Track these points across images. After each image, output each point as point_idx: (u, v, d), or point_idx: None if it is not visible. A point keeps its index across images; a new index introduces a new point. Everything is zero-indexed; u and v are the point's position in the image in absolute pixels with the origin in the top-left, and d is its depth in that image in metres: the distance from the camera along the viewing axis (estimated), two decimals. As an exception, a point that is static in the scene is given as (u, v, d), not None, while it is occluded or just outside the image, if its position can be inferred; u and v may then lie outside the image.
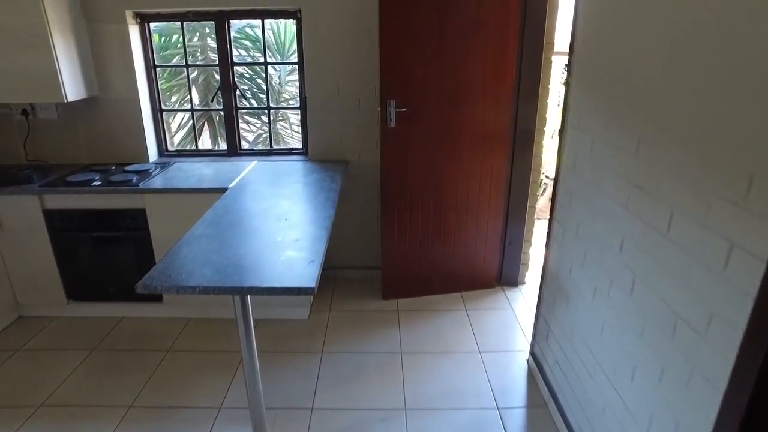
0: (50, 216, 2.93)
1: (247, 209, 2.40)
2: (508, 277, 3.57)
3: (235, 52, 4.45)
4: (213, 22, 3.15)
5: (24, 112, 3.23)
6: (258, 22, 3.21)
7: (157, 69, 3.37)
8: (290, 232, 2.09)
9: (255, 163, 3.31)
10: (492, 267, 3.50)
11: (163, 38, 4.37)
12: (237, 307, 1.81)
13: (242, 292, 1.67)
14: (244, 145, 4.64)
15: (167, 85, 4.28)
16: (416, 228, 3.24)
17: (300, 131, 3.58)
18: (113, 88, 3.18)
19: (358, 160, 3.36)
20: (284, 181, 2.88)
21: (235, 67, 3.41)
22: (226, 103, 3.37)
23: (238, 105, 3.42)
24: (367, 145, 3.32)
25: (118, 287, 3.10)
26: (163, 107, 3.41)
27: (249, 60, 4.41)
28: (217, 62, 3.30)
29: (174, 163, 3.33)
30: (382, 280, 3.37)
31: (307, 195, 2.62)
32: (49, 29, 2.72)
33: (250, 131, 4.66)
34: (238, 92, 3.39)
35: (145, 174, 3.05)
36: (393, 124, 2.94)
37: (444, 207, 3.22)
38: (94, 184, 2.88)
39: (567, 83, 2.21)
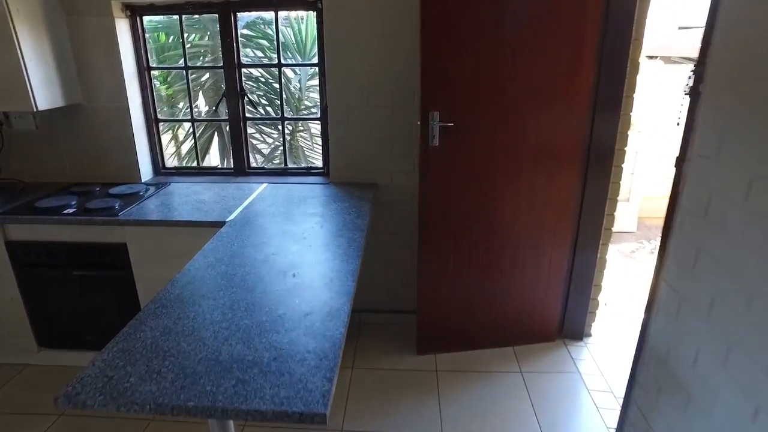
0: (14, 249, 2.43)
1: (243, 256, 1.82)
2: (571, 328, 2.90)
3: (249, 53, 3.93)
4: (217, 15, 2.61)
5: (-2, 123, 2.76)
6: (272, 16, 2.66)
7: (155, 71, 2.85)
8: (298, 300, 1.50)
9: (265, 186, 2.75)
10: (552, 315, 2.85)
11: (171, 37, 3.88)
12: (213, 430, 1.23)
13: (215, 414, 1.09)
14: (258, 160, 4.13)
15: (170, 90, 3.79)
16: (461, 266, 2.62)
17: (320, 146, 3.01)
18: (99, 94, 2.67)
19: (390, 182, 2.76)
20: (297, 212, 2.31)
21: (251, 71, 2.86)
22: (231, 111, 2.83)
23: (246, 114, 2.87)
24: (402, 165, 2.72)
25: (95, 334, 2.58)
26: (159, 117, 2.89)
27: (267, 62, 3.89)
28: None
29: (170, 183, 2.80)
30: (417, 329, 2.76)
31: (324, 235, 2.03)
32: (12, 23, 2.22)
33: (264, 143, 4.12)
34: (246, 99, 2.84)
35: (132, 198, 2.53)
36: (436, 142, 2.33)
37: (496, 241, 2.59)
38: (66, 212, 2.37)
39: (694, 92, 1.56)
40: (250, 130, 4.07)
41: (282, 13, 3.79)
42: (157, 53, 3.66)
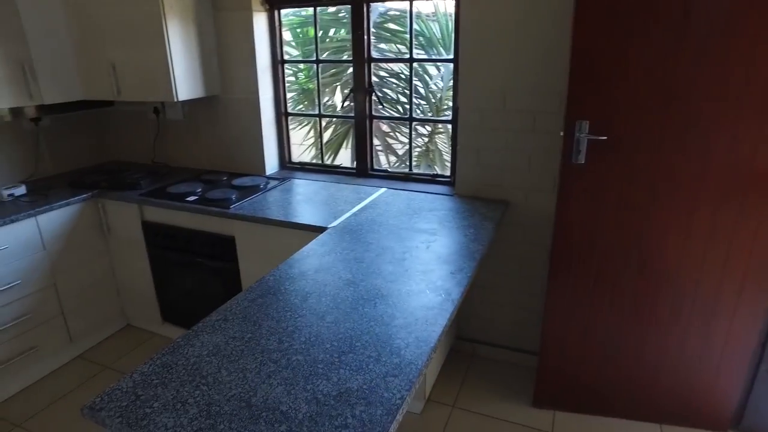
0: (148, 228, 2.62)
1: (328, 273, 1.64)
2: (755, 421, 2.18)
3: (393, 48, 3.80)
4: (349, 7, 2.49)
5: (155, 111, 3.03)
6: (414, 7, 2.44)
7: (297, 66, 2.85)
8: (367, 339, 1.26)
9: (383, 191, 2.56)
10: (726, 398, 2.17)
11: (321, 32, 3.95)
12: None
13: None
14: (391, 161, 3.99)
15: (311, 85, 3.83)
16: (600, 310, 2.13)
17: (449, 155, 2.73)
18: (234, 86, 2.75)
19: (523, 201, 2.37)
20: (407, 226, 2.06)
21: (391, 66, 2.69)
22: (358, 108, 2.69)
23: (372, 112, 2.71)
24: (539, 182, 2.31)
25: (207, 321, 2.67)
26: (288, 110, 2.89)
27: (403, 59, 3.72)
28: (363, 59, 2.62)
29: (291, 179, 2.78)
30: (537, 376, 2.33)
31: (428, 260, 1.75)
32: (165, 20, 2.37)
33: (398, 142, 3.97)
34: (374, 95, 2.68)
35: (250, 191, 2.55)
36: (582, 159, 1.89)
37: (650, 286, 2.04)
38: (189, 199, 2.47)
39: None
40: (385, 129, 3.95)
41: (429, 7, 3.58)
42: (302, 47, 3.74)
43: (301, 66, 3.65)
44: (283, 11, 2.72)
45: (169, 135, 3.09)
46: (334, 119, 3.86)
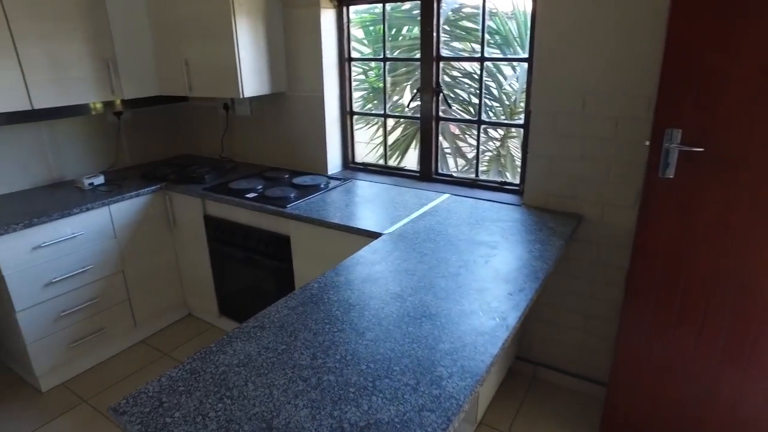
0: (209, 222, 2.66)
1: (375, 284, 1.55)
2: None
3: (467, 47, 3.64)
4: (419, 3, 2.37)
5: (225, 107, 3.09)
6: (488, 4, 2.29)
7: (357, 63, 2.80)
8: (407, 363, 1.16)
9: (446, 197, 2.43)
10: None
11: (394, 29, 3.87)
12: None
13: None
14: (460, 165, 3.82)
15: (380, 83, 3.75)
16: (685, 348, 1.87)
17: (519, 159, 2.54)
18: (300, 83, 2.74)
19: (599, 216, 2.14)
20: (467, 237, 1.92)
21: (464, 66, 2.56)
22: (424, 108, 2.58)
23: (439, 113, 2.59)
24: (619, 197, 2.07)
25: (261, 318, 2.67)
26: (354, 109, 2.84)
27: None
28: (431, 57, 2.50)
29: (352, 179, 2.72)
30: (605, 411, 2.10)
31: (485, 276, 1.61)
32: (234, 17, 2.39)
33: (468, 146, 3.79)
34: (442, 96, 2.55)
35: (310, 191, 2.51)
36: (671, 173, 1.66)
37: (756, 326, 1.75)
38: (248, 195, 2.47)
39: None
40: (456, 131, 3.79)
41: (507, 5, 3.38)
42: (373, 44, 3.67)
43: (372, 64, 3.58)
44: (355, 8, 2.67)
45: (237, 131, 3.15)
46: (403, 119, 3.77)
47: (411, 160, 3.85)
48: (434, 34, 2.40)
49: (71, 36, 2.47)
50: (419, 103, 2.60)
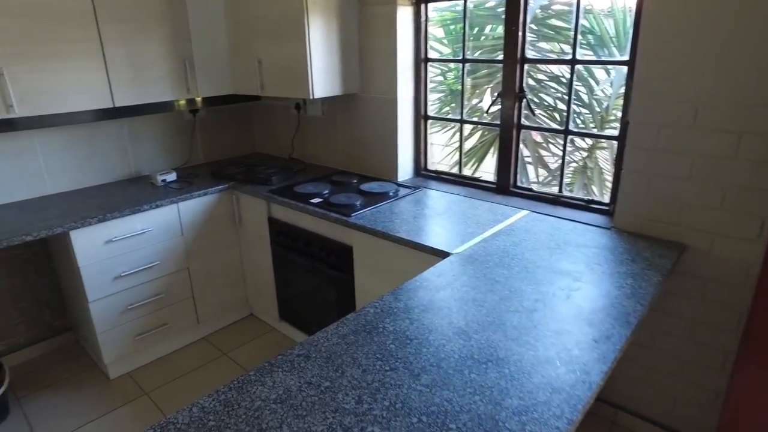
0: (273, 225, 2.62)
1: (438, 315, 1.38)
2: None
3: (555, 48, 3.35)
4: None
5: (297, 107, 3.05)
6: (584, 1, 2.04)
7: (435, 64, 2.63)
8: (464, 420, 0.98)
9: (524, 214, 2.21)
10: None
11: (476, 28, 3.65)
12: None
13: None
14: (541, 176, 3.54)
15: (458, 86, 3.55)
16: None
17: (611, 176, 2.26)
18: (373, 84, 2.62)
19: (708, 248, 1.83)
20: (545, 264, 1.70)
21: (551, 69, 2.33)
22: (504, 114, 2.36)
23: (521, 121, 2.36)
24: (737, 227, 1.75)
25: (317, 325, 2.59)
26: (429, 113, 2.67)
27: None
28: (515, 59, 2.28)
29: (423, 188, 2.56)
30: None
31: (565, 315, 1.39)
32: (307, 15, 2.31)
33: (551, 155, 3.49)
34: (525, 101, 2.32)
35: (377, 198, 2.39)
36: (813, 206, 1.34)
37: None
38: (313, 200, 2.39)
39: None
40: (538, 139, 3.52)
41: (604, 2, 3.06)
42: (453, 44, 3.48)
43: (451, 65, 3.40)
44: (434, 5, 2.50)
45: (308, 132, 3.09)
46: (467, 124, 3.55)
47: (489, 166, 3.62)
48: (519, 33, 2.18)
49: (152, 37, 2.51)
50: (499, 108, 2.38)
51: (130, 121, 2.84)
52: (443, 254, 1.82)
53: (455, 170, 2.73)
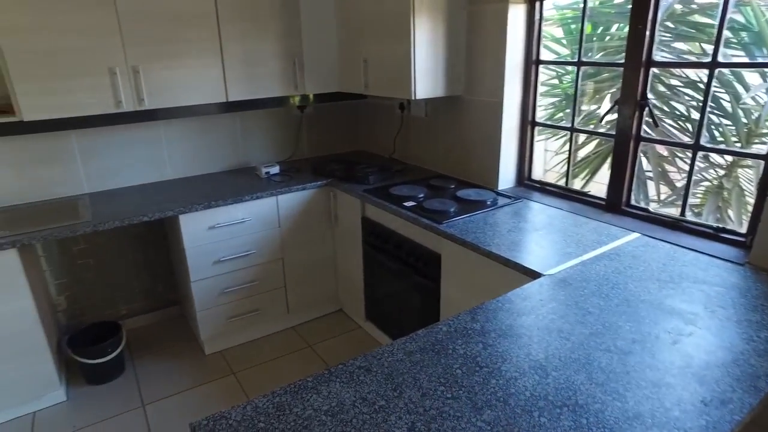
0: (366, 224, 2.63)
1: (518, 344, 1.27)
2: None
3: (695, 48, 2.94)
4: (635, -6, 1.93)
5: (401, 107, 3.03)
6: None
7: (547, 67, 2.45)
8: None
9: (635, 237, 1.97)
10: None
11: (600, 28, 3.34)
12: None
13: None
14: (662, 194, 3.14)
15: (570, 89, 3.27)
16: None
17: (752, 198, 1.93)
18: (479, 87, 2.50)
19: None
20: (652, 300, 1.49)
21: (686, 73, 2.08)
22: (621, 125, 2.13)
23: (641, 132, 2.10)
24: None
25: (401, 330, 2.56)
26: (538, 119, 2.50)
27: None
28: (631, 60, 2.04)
29: (523, 199, 2.41)
30: None
31: (672, 376, 1.20)
32: (413, 15, 2.27)
33: (678, 171, 3.08)
34: (647, 110, 2.06)
35: (472, 207, 2.29)
36: None
37: None
38: (406, 204, 2.35)
39: None
40: (663, 151, 3.13)
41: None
42: (571, 45, 3.21)
43: (569, 68, 3.15)
44: (554, 2, 2.32)
45: (410, 132, 3.06)
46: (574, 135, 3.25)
47: (603, 178, 3.31)
48: (647, 32, 1.93)
49: (267, 35, 2.65)
50: (616, 116, 2.15)
51: (241, 114, 3.03)
52: (534, 274, 1.67)
53: (562, 182, 2.52)
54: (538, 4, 2.29)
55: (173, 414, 2.36)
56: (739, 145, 2.85)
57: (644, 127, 2.12)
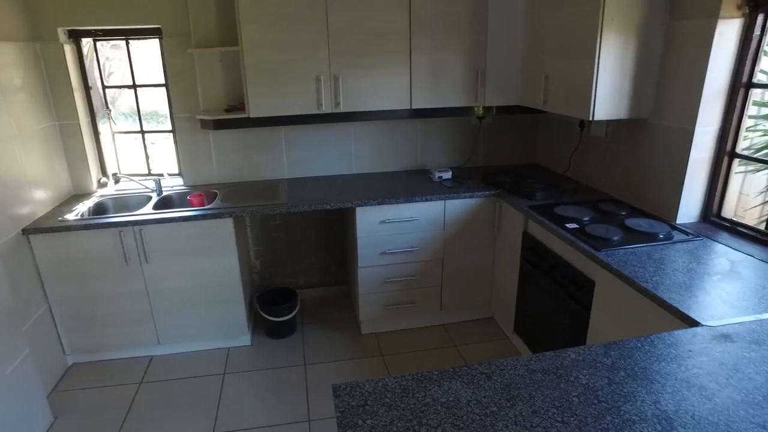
0: (526, 240, 2.69)
1: (652, 388, 1.27)
2: None
3: None
4: None
5: (581, 124, 2.98)
6: None
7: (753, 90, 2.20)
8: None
9: (843, 300, 1.70)
10: None
11: None
12: None
13: None
14: None
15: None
16: None
17: None
18: (668, 111, 2.35)
19: None
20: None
21: None
22: None
23: None
24: None
25: (545, 350, 2.56)
26: (736, 150, 2.26)
27: None
28: None
29: (708, 238, 2.21)
30: None
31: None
32: (600, 32, 2.24)
33: None
34: None
35: (640, 238, 2.19)
36: None
37: None
38: (568, 225, 2.36)
39: None
40: None
41: None
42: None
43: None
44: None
45: (588, 151, 2.99)
46: None
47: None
48: None
49: (453, 48, 2.88)
50: None
51: (422, 121, 3.31)
52: (691, 322, 1.59)
53: (763, 225, 2.24)
54: (761, 18, 2.05)
55: (327, 377, 2.77)
56: None
57: None
